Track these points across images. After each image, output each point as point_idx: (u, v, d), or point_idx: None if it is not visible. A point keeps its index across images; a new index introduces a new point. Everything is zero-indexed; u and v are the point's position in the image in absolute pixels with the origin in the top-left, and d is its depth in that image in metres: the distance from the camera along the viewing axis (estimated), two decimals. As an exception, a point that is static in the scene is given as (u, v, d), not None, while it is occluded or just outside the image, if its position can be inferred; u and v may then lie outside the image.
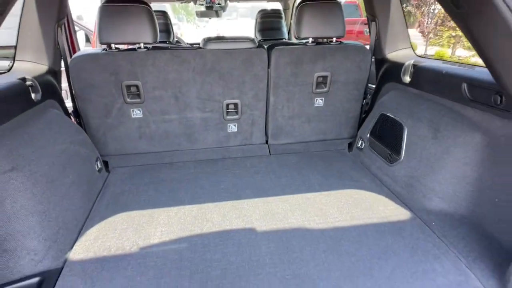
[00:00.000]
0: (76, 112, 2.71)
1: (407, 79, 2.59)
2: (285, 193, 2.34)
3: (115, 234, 1.94)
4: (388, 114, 2.60)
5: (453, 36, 13.12)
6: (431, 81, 2.36)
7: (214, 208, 2.17)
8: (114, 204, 2.24)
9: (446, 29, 13.23)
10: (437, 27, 13.79)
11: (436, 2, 13.53)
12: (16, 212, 1.64)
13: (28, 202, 1.69)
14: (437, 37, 14.21)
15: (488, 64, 1.57)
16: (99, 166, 2.53)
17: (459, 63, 2.30)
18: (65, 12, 2.60)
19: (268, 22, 4.56)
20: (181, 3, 5.13)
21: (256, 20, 4.57)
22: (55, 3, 2.42)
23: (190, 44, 4.48)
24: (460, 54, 12.75)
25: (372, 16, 2.86)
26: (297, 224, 2.01)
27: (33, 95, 2.16)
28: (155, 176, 2.61)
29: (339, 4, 2.74)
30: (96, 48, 4.07)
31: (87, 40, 5.77)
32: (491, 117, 1.89)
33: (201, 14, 5.23)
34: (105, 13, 2.39)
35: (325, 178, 2.55)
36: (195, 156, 2.88)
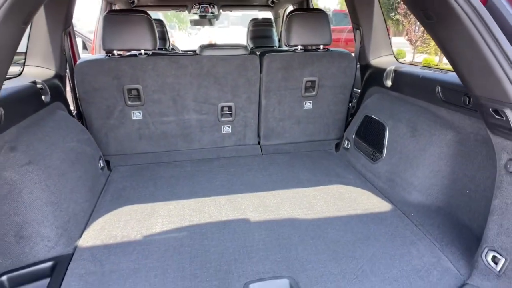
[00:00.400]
0: (79, 113, 2.87)
1: (388, 83, 2.81)
2: (276, 188, 2.52)
3: (120, 225, 2.10)
4: (372, 116, 2.81)
5: (440, 44, 13.49)
6: (410, 85, 2.57)
7: (210, 202, 2.35)
8: (117, 199, 2.40)
9: (433, 37, 13.59)
10: (425, 35, 14.14)
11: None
12: (32, 202, 1.81)
13: (43, 193, 1.85)
14: (424, 45, 14.60)
15: (456, 68, 1.78)
16: (102, 165, 2.69)
17: (435, 68, 2.52)
18: (71, 21, 2.78)
19: (260, 30, 4.77)
20: (176, 11, 5.33)
21: (248, 28, 4.78)
22: (62, 13, 2.60)
23: (184, 51, 4.67)
24: (447, 62, 13.10)
25: (356, 25, 3.08)
26: (287, 215, 2.19)
27: (43, 97, 2.33)
28: (154, 173, 2.78)
29: (325, 13, 2.95)
30: (95, 54, 4.23)
31: (84, 47, 5.94)
32: (461, 117, 2.10)
33: (194, 23, 5.44)
34: (108, 22, 2.57)
35: (313, 175, 2.74)
36: (191, 155, 3.05)
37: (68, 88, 2.93)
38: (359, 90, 3.33)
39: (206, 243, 1.93)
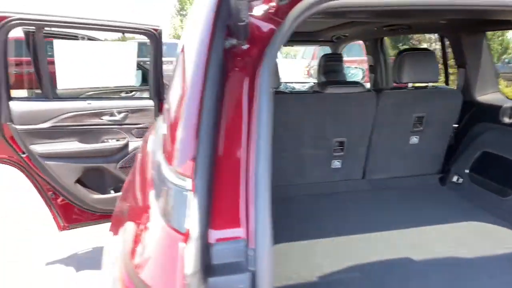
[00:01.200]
0: None
1: (506, 120, 2.86)
2: (411, 225, 2.51)
3: (287, 264, 2.07)
4: (493, 152, 2.85)
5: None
6: None
7: (362, 239, 2.34)
8: None
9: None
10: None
11: (435, 42, 14.37)
12: None
13: None
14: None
15: None
16: None
17: None
18: None
19: (331, 65, 4.88)
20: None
21: (320, 63, 4.89)
22: None
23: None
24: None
25: (461, 63, 3.19)
26: (445, 253, 2.18)
27: None
28: (281, 209, 2.76)
29: (433, 53, 3.05)
30: None
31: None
32: None
33: None
34: None
35: (439, 211, 2.74)
36: (305, 190, 3.06)
37: None
38: (455, 125, 3.39)
39: (387, 282, 1.92)
